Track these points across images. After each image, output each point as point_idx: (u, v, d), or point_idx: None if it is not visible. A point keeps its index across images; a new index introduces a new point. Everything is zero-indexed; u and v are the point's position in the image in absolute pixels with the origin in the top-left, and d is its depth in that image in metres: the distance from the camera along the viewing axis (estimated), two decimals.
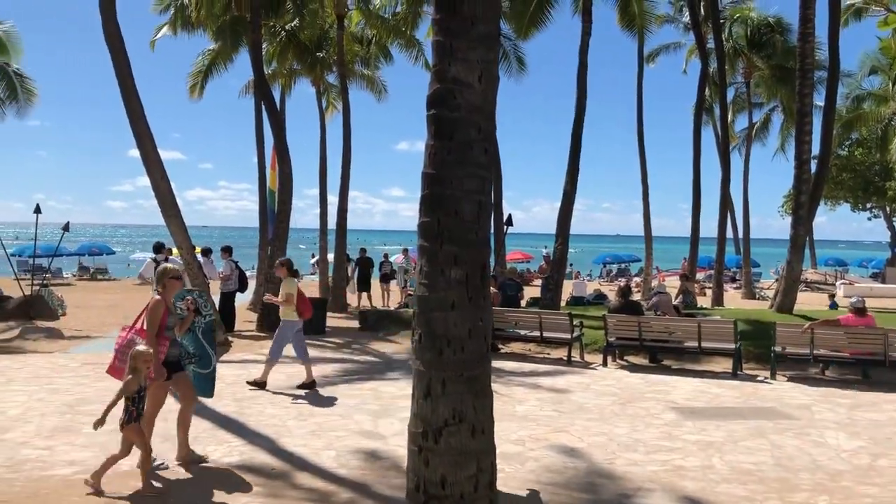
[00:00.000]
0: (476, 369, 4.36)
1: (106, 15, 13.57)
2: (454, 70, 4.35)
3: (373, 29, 23.87)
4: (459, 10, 4.35)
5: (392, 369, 11.96)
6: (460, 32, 4.35)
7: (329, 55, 25.04)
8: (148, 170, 13.90)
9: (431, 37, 4.66)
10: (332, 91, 28.09)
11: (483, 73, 4.38)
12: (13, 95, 27.05)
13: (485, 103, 4.41)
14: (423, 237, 4.42)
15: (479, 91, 4.37)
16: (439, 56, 4.41)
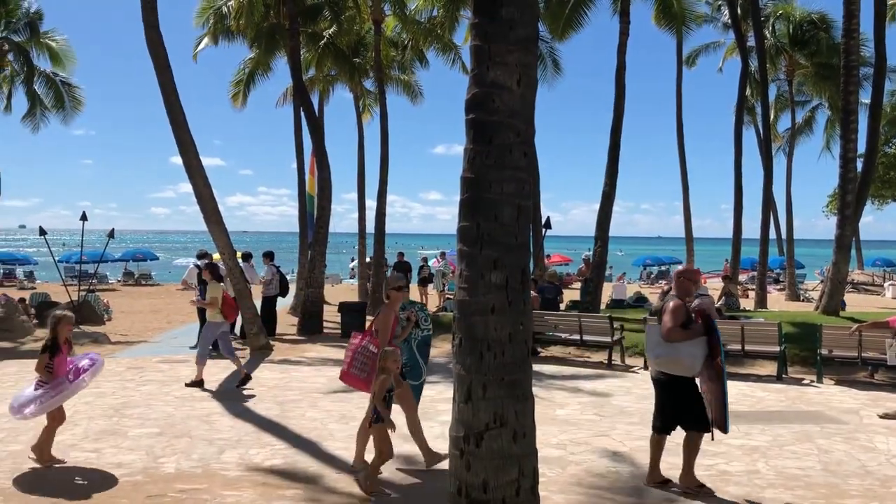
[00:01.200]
0: (517, 373, 4.35)
1: (148, 24, 13.83)
2: (493, 74, 4.35)
3: (409, 33, 23.98)
4: (498, 14, 4.34)
5: (430, 372, 11.91)
6: (499, 36, 4.35)
7: (366, 61, 25.22)
8: (191, 177, 14.12)
9: (470, 41, 4.66)
10: (368, 96, 28.27)
11: (522, 76, 4.37)
12: (60, 104, 27.82)
13: (524, 106, 4.39)
14: (462, 241, 4.42)
15: (517, 94, 4.36)
16: (478, 60, 4.41)
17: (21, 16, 26.94)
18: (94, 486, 6.22)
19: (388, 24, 24.44)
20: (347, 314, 16.87)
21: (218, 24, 21.95)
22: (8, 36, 26.73)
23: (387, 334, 6.61)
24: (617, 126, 18.42)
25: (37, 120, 27.78)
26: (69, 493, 6.07)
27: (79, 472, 6.64)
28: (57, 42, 27.58)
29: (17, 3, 26.72)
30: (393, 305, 6.84)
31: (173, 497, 5.99)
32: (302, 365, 12.67)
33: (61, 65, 27.80)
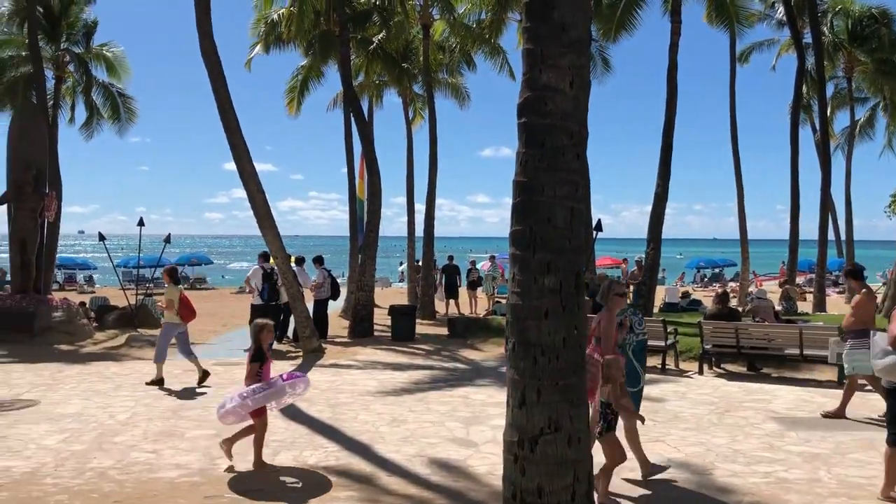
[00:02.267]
0: (571, 378, 4.32)
1: (203, 33, 14.12)
2: (545, 77, 4.32)
3: (457, 37, 24.03)
4: (550, 18, 4.32)
5: (481, 376, 11.97)
6: (551, 39, 4.32)
7: (414, 65, 25.35)
8: (245, 182, 14.36)
9: (521, 45, 4.65)
10: (417, 100, 28.40)
11: (574, 78, 4.34)
12: (115, 114, 28.63)
13: (577, 109, 4.36)
14: (514, 245, 4.41)
15: (570, 97, 4.33)
16: (530, 63, 4.39)
17: (80, 28, 27.83)
18: (155, 486, 6.36)
19: (436, 28, 24.54)
20: (397, 317, 16.97)
21: (269, 32, 22.33)
22: (69, 48, 27.60)
23: (610, 342, 6.48)
24: (669, 126, 18.17)
25: (92, 128, 28.63)
26: (127, 492, 6.21)
27: (140, 472, 6.80)
28: (113, 53, 28.40)
29: (78, 17, 27.58)
30: (613, 311, 6.68)
31: (230, 498, 6.09)
32: (353, 368, 12.78)
33: (117, 75, 28.60)
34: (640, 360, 7.13)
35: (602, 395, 5.98)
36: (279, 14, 21.82)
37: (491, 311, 22.71)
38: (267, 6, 22.80)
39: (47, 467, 6.87)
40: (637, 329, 7.08)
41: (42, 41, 23.87)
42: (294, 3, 20.68)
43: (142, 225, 20.05)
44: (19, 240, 16.93)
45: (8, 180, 17.11)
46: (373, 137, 20.35)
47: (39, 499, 6.01)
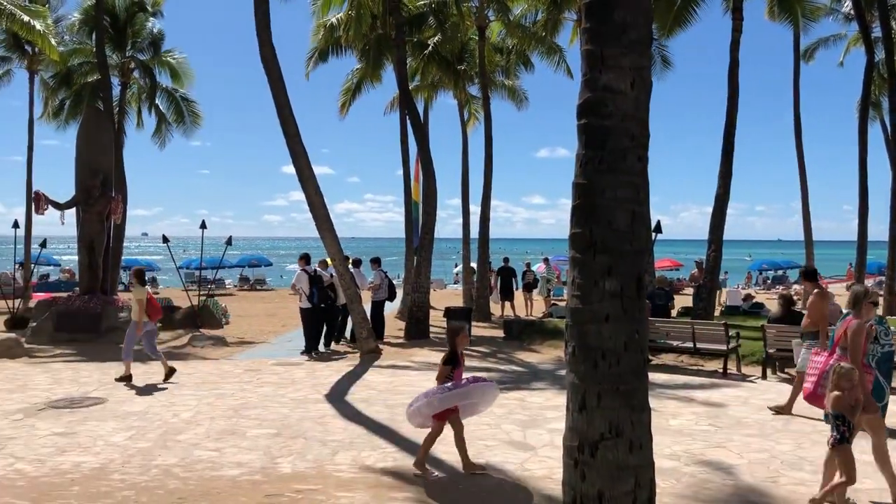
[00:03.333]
0: (633, 383, 4.25)
1: (262, 41, 14.37)
2: (605, 78, 4.27)
3: (513, 38, 23.96)
4: (610, 18, 4.27)
5: (538, 379, 11.90)
6: (611, 40, 4.27)
7: (470, 67, 25.36)
8: (303, 186, 14.56)
9: (581, 45, 4.60)
10: (473, 102, 28.41)
11: (635, 79, 4.27)
12: (180, 119, 29.42)
13: (638, 110, 4.29)
14: (574, 248, 4.36)
15: (631, 98, 4.27)
16: (590, 64, 4.34)
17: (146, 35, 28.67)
18: (217, 484, 6.49)
19: (492, 29, 24.51)
20: (453, 319, 16.98)
21: (328, 36, 22.61)
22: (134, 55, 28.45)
23: (858, 352, 6.16)
24: (730, 125, 17.77)
25: (163, 136, 29.51)
26: (191, 489, 6.35)
27: (203, 470, 6.94)
28: (176, 60, 29.22)
29: (143, 24, 28.41)
30: (864, 320, 6.34)
31: (290, 497, 6.18)
32: (410, 369, 12.84)
33: (180, 81, 29.45)
34: (885, 372, 6.65)
35: (831, 406, 5.69)
36: (337, 19, 22.09)
37: (547, 313, 22.56)
38: (324, 11, 23.11)
39: (115, 463, 7.07)
40: (882, 340, 6.65)
41: (108, 49, 24.63)
42: (352, 8, 20.91)
43: (204, 227, 20.52)
44: (87, 242, 17.46)
45: (76, 184, 17.68)
46: (428, 140, 20.41)
47: (108, 494, 6.19)
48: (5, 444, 7.70)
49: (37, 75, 31.33)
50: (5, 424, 8.57)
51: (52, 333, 16.07)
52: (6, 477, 6.62)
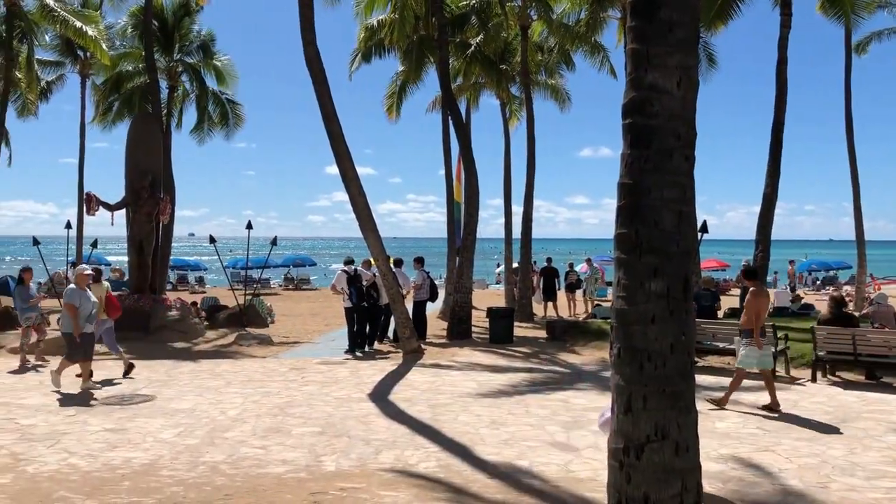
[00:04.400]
0: (679, 385, 4.20)
1: (307, 42, 14.52)
2: (651, 77, 4.23)
3: (556, 37, 23.83)
4: (656, 17, 4.23)
5: (581, 380, 11.82)
6: (657, 38, 4.23)
7: (512, 66, 25.30)
8: (347, 187, 14.67)
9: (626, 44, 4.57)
10: (515, 102, 28.33)
11: (682, 78, 4.23)
12: (224, 120, 29.91)
13: (684, 109, 4.25)
14: (620, 249, 4.33)
15: (678, 97, 4.22)
16: (635, 63, 4.30)
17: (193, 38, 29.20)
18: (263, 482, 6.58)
19: (534, 28, 24.41)
20: (495, 319, 16.97)
21: (370, 38, 22.77)
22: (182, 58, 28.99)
23: None
24: (778, 123, 17.45)
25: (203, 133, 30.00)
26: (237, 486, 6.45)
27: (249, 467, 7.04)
28: (222, 62, 29.71)
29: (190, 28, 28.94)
30: None
31: (334, 495, 6.23)
32: (452, 369, 12.85)
33: (225, 83, 29.95)
34: None
35: None
36: (380, 20, 22.23)
37: (590, 314, 22.38)
38: (367, 13, 23.26)
39: (164, 460, 7.21)
40: None
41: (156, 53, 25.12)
42: (395, 10, 21.02)
43: (250, 228, 20.81)
44: (137, 242, 17.84)
45: (126, 186, 18.07)
46: (470, 140, 20.40)
47: (157, 489, 6.31)
48: (59, 439, 7.91)
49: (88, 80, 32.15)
50: (59, 420, 8.80)
51: None
52: (60, 471, 6.80)
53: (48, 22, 25.20)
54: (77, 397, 10.20)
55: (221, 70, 29.57)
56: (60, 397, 10.21)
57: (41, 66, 30.45)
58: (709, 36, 21.63)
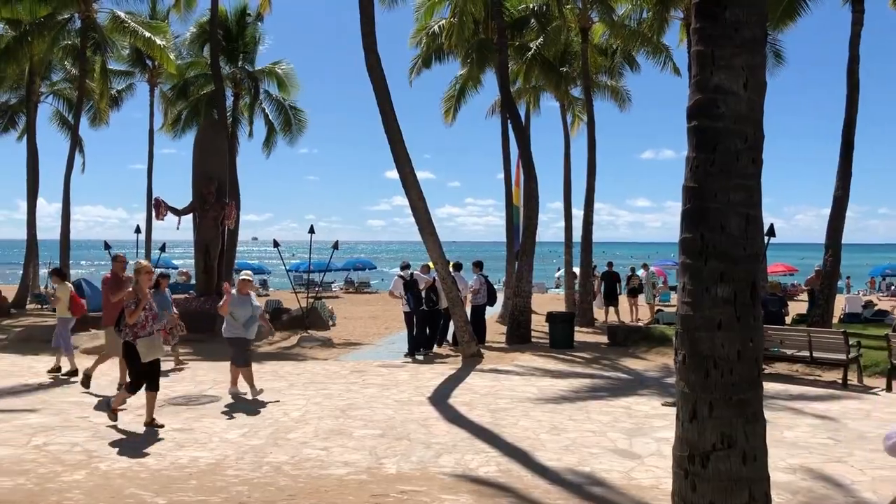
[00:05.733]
0: (747, 392, 4.10)
1: (368, 49, 14.69)
2: (717, 78, 4.14)
3: (617, 39, 23.57)
4: (722, 17, 4.14)
5: (644, 387, 11.64)
6: (723, 39, 4.13)
7: (573, 69, 25.12)
8: (407, 191, 14.77)
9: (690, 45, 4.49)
10: (576, 104, 28.12)
11: (748, 79, 4.13)
12: (287, 126, 30.49)
13: (751, 111, 4.14)
14: (685, 253, 4.24)
15: (744, 98, 4.12)
16: (700, 65, 4.22)
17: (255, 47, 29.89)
18: (325, 483, 6.66)
19: (595, 30, 24.20)
20: (556, 324, 16.84)
21: (430, 42, 22.90)
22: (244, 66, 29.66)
23: None
24: (850, 123, 16.88)
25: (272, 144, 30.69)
26: (300, 487, 6.54)
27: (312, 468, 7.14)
28: (283, 70, 30.32)
29: (253, 37, 29.59)
30: None
31: (395, 497, 6.27)
32: (512, 374, 12.81)
33: (286, 91, 30.52)
34: None
35: None
36: (439, 25, 22.34)
37: (653, 319, 22.04)
38: (427, 17, 23.41)
39: (229, 459, 7.37)
40: None
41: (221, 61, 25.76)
42: (454, 14, 21.10)
43: (312, 232, 21.12)
44: (203, 246, 18.30)
45: (193, 191, 18.55)
46: (530, 143, 20.33)
47: (223, 488, 6.45)
48: (129, 438, 8.15)
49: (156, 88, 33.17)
50: (129, 419, 9.06)
51: None
52: (131, 469, 7.00)
53: (119, 33, 26.14)
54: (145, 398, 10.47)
55: (283, 78, 30.18)
56: None
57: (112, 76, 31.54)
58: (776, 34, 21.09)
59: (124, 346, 8.70)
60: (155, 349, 8.75)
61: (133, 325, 8.54)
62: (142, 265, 8.95)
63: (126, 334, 8.60)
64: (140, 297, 8.59)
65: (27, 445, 7.77)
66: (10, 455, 7.40)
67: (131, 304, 8.56)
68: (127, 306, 8.61)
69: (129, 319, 8.53)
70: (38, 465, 7.07)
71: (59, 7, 25.03)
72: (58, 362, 12.49)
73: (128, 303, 8.63)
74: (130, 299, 8.61)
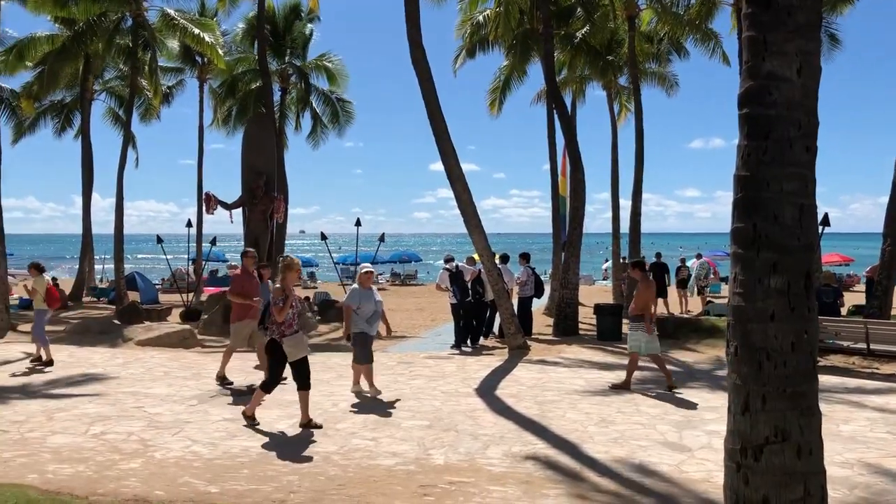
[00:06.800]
0: (801, 385, 4.01)
1: (413, 43, 14.70)
2: (769, 65, 4.04)
3: (665, 25, 23.21)
4: (773, 2, 4.04)
5: (694, 379, 11.48)
6: (775, 24, 4.04)
7: (619, 57, 24.82)
8: (452, 183, 14.78)
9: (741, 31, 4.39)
10: (623, 93, 27.79)
11: (802, 64, 4.02)
12: (335, 119, 30.74)
13: (805, 98, 4.04)
14: (736, 244, 4.17)
15: (798, 85, 4.02)
16: (752, 51, 4.13)
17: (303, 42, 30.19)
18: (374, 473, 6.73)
19: (642, 18, 23.87)
20: (603, 316, 16.71)
21: (475, 34, 22.84)
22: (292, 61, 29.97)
23: None
24: None
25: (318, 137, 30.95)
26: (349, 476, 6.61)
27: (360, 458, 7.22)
28: (332, 63, 30.56)
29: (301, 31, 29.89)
30: None
31: (443, 488, 6.30)
32: (559, 366, 12.75)
33: (336, 84, 30.78)
34: None
35: None
36: (484, 16, 22.26)
37: (703, 311, 21.71)
38: (472, 8, 23.35)
39: (279, 449, 7.48)
40: None
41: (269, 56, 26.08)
42: (499, 4, 21.00)
43: (359, 225, 21.31)
44: (253, 239, 18.56)
45: (242, 185, 18.83)
46: (576, 133, 20.16)
47: (273, 477, 6.56)
48: (183, 428, 8.34)
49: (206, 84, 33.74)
50: (182, 409, 9.27)
51: (221, 325, 17.18)
52: (184, 458, 7.16)
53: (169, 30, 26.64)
54: (198, 389, 10.70)
55: (332, 71, 30.42)
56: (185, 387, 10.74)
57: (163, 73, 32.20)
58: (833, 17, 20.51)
59: (269, 343, 8.47)
60: (301, 348, 8.51)
61: (281, 322, 8.30)
62: (290, 261, 8.69)
63: (272, 332, 8.38)
64: (288, 295, 8.34)
65: (86, 434, 8.01)
66: (69, 443, 7.63)
67: (279, 301, 8.30)
68: (275, 303, 8.36)
69: (277, 317, 8.28)
70: (97, 452, 7.28)
71: (112, 6, 25.60)
72: (38, 352, 12.80)
73: (276, 300, 8.37)
74: (279, 296, 8.34)
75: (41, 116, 32.86)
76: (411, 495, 6.13)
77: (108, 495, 6.02)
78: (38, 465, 6.86)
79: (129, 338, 15.55)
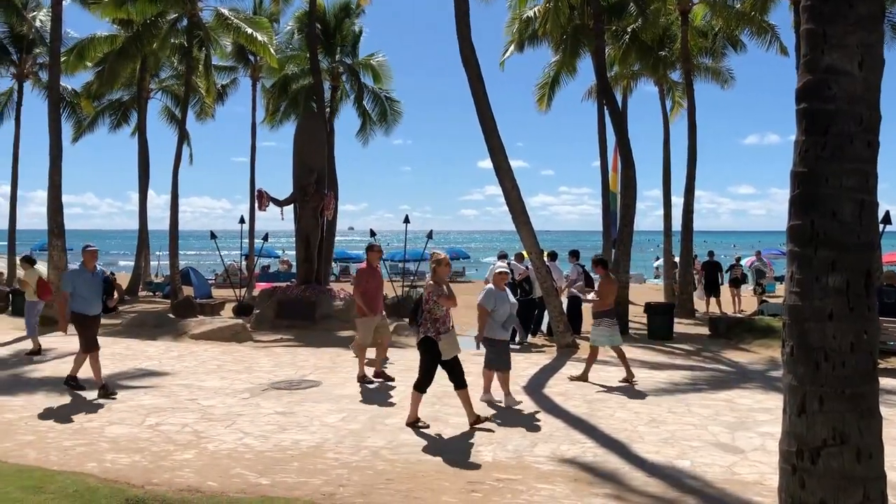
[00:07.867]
0: (861, 386, 3.90)
1: (462, 38, 14.70)
2: (828, 58, 3.93)
3: (720, 20, 22.76)
4: None
5: (747, 380, 11.26)
6: (835, 17, 3.93)
7: (672, 52, 24.43)
8: (500, 180, 14.74)
9: (801, 24, 4.28)
10: (675, 89, 27.36)
11: (864, 58, 3.90)
12: (383, 117, 30.92)
13: (867, 91, 3.92)
14: (793, 241, 4.07)
15: (859, 79, 3.90)
16: (810, 44, 4.02)
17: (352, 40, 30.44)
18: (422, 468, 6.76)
19: (695, 13, 23.46)
20: (654, 315, 16.50)
21: (524, 29, 22.72)
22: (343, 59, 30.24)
23: None
24: None
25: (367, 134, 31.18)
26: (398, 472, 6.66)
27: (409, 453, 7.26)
28: (378, 62, 30.77)
29: (350, 30, 30.13)
30: None
31: (491, 486, 6.29)
32: (608, 365, 12.61)
33: (381, 82, 30.94)
34: None
35: None
36: (534, 11, 22.13)
37: (758, 310, 21.28)
38: (522, 4, 23.23)
39: (329, 443, 7.57)
40: None
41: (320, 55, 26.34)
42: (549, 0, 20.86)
43: (407, 222, 21.40)
44: (304, 236, 18.79)
45: (294, 183, 19.07)
46: (627, 129, 19.92)
47: (323, 471, 6.64)
48: (235, 420, 8.49)
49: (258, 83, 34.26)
50: (234, 402, 9.44)
51: (273, 320, 17.47)
52: (236, 450, 7.30)
53: (223, 30, 27.12)
54: (249, 382, 10.87)
55: (378, 69, 30.62)
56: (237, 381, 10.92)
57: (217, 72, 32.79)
58: None
59: (424, 341, 8.25)
60: (455, 346, 8.32)
61: (436, 319, 8.16)
62: (439, 257, 8.54)
63: (427, 330, 8.19)
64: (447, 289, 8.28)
65: (142, 425, 8.22)
66: (126, 433, 7.84)
67: (434, 296, 8.19)
68: (426, 301, 8.23)
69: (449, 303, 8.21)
70: (152, 443, 7.47)
71: (168, 7, 26.17)
72: (35, 343, 13.10)
73: (429, 296, 8.23)
74: (433, 292, 8.22)
75: (100, 115, 33.74)
76: (458, 491, 6.14)
77: (163, 485, 6.17)
78: (96, 454, 7.07)
79: (183, 331, 15.89)
